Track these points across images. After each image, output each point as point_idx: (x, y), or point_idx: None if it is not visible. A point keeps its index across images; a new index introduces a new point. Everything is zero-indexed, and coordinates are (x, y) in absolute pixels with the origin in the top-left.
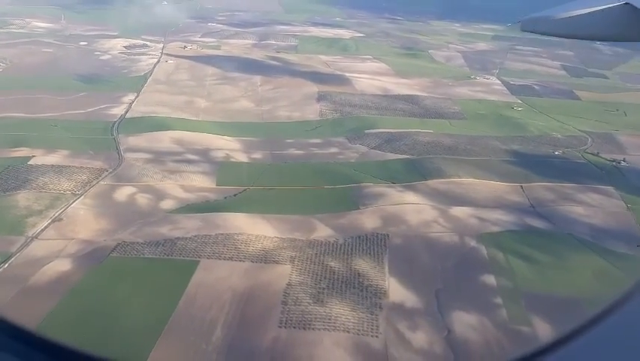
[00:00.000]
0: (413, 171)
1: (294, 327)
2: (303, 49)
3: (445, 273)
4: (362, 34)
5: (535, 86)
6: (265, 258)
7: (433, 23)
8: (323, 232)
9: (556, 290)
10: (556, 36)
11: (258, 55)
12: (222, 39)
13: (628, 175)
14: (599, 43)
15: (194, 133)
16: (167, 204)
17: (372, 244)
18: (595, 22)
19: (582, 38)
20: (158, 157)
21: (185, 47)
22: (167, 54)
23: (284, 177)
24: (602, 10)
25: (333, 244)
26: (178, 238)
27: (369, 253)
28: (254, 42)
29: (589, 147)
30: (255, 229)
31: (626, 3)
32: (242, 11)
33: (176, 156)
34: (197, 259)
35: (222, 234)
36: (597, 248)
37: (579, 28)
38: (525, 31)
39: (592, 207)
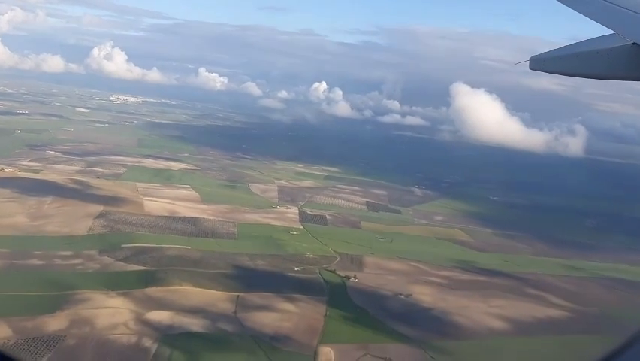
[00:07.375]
0: (140, 281)
1: None
2: (127, 177)
3: None
4: (196, 168)
5: (328, 217)
6: None
7: (279, 163)
8: None
9: None
10: (563, 74)
11: (66, 179)
12: (49, 165)
13: (348, 290)
14: (417, 187)
15: None
16: None
17: (41, 344)
18: (603, 61)
19: (589, 77)
20: None
21: (2, 169)
22: None
23: (1, 284)
24: (610, 49)
25: None
26: None
27: (33, 353)
28: (79, 169)
29: (332, 265)
30: None
31: (634, 44)
32: (91, 143)
33: None
34: None
35: None
36: (268, 349)
37: (586, 67)
38: (534, 69)
39: (290, 314)
